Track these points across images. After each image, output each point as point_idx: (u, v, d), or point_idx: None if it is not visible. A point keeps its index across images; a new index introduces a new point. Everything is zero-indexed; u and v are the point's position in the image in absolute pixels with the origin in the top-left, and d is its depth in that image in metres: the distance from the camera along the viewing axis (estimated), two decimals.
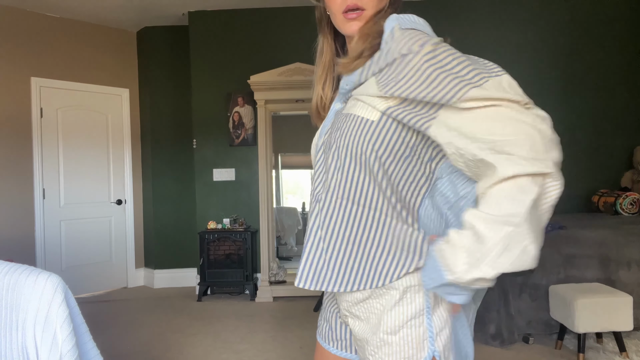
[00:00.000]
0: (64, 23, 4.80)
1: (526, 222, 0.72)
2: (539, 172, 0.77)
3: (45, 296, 1.25)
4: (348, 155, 0.87)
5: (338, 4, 0.93)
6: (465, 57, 0.78)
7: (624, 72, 4.67)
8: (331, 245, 0.89)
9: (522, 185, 0.74)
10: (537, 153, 0.76)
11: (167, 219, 5.19)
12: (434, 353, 0.85)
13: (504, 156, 0.73)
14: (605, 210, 4.23)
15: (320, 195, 0.91)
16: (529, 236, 0.72)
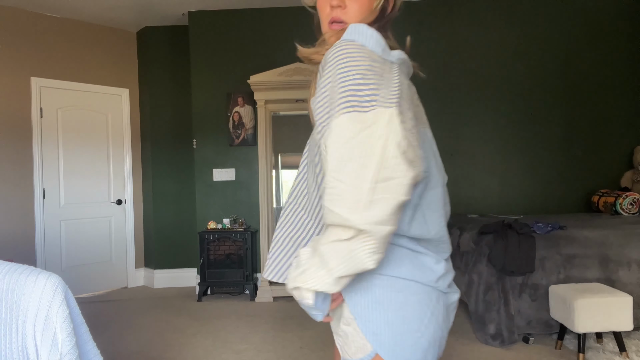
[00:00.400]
0: (64, 23, 4.80)
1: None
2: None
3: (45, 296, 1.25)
4: (307, 160, 1.00)
5: (325, 14, 1.01)
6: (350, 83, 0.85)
7: (624, 72, 4.67)
8: (283, 244, 1.02)
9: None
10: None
11: (167, 219, 5.19)
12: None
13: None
14: (605, 210, 4.23)
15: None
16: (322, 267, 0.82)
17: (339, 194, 0.78)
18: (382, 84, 0.84)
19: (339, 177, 0.78)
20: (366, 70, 0.84)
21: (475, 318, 3.16)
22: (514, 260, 3.08)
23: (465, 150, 4.71)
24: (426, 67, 4.72)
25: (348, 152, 0.78)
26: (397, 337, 0.90)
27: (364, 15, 1.00)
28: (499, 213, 4.62)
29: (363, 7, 1.00)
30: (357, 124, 0.79)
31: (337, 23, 0.99)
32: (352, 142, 0.79)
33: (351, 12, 0.99)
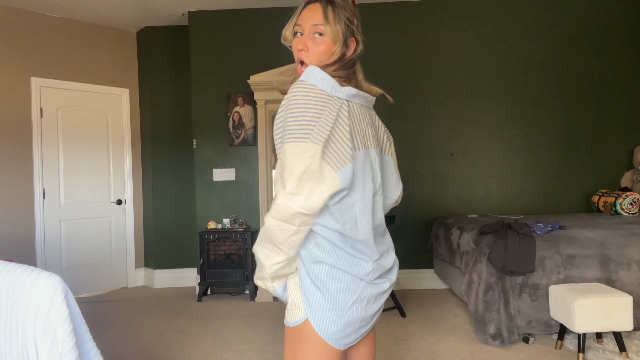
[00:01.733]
0: (64, 23, 4.80)
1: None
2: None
3: (45, 296, 1.25)
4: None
5: (295, 56, 1.29)
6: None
7: (624, 72, 4.67)
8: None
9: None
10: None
11: (167, 219, 5.19)
12: (307, 316, 1.20)
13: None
14: (605, 210, 4.23)
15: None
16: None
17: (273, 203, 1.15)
18: (317, 122, 1.11)
19: (275, 187, 1.14)
20: (309, 108, 1.12)
21: (475, 318, 3.16)
22: (514, 260, 3.08)
23: (465, 150, 4.71)
24: (425, 67, 4.72)
25: (280, 170, 1.12)
26: (326, 310, 1.19)
27: (323, 58, 1.24)
28: (499, 213, 4.62)
29: (322, 51, 1.24)
30: (294, 150, 1.09)
31: (302, 63, 1.25)
32: (283, 163, 1.11)
33: (311, 54, 1.25)
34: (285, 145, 1.11)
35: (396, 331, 3.43)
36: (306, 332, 1.21)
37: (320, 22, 1.24)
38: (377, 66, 4.70)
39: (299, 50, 1.26)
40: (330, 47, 1.25)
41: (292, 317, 1.23)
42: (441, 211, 4.68)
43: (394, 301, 3.82)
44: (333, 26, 1.24)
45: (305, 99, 1.13)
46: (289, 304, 1.25)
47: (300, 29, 1.28)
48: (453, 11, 4.73)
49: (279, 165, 1.13)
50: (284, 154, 1.10)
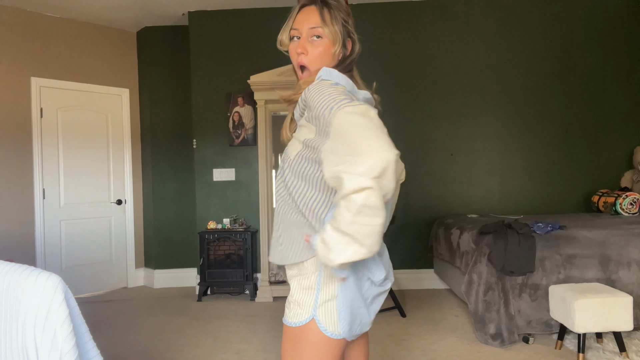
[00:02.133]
0: (64, 23, 4.80)
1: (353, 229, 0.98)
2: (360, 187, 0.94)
3: (45, 296, 1.25)
4: (280, 178, 1.25)
5: (294, 60, 1.28)
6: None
7: (623, 72, 4.67)
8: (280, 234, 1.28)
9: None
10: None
11: (167, 219, 5.19)
12: (314, 316, 1.19)
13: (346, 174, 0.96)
14: (605, 210, 4.23)
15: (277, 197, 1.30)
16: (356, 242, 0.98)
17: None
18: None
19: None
20: (341, 93, 1.08)
21: (475, 318, 3.16)
22: (514, 260, 3.08)
23: (465, 150, 4.71)
24: (425, 67, 4.72)
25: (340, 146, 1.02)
26: (337, 308, 1.18)
27: (323, 60, 1.24)
28: (499, 213, 4.62)
29: (322, 54, 1.24)
30: (356, 110, 1.01)
31: (303, 67, 1.26)
32: (347, 132, 1.02)
33: (312, 57, 1.24)
34: (339, 114, 0.99)
35: (396, 331, 3.43)
36: (310, 333, 1.20)
37: (317, 25, 1.24)
38: (376, 66, 4.70)
39: (298, 53, 1.25)
40: (330, 48, 1.25)
41: (295, 317, 1.22)
42: (441, 211, 4.68)
43: (394, 301, 3.82)
44: (331, 27, 1.23)
45: (334, 90, 1.09)
46: (292, 303, 1.24)
47: (297, 32, 1.27)
48: (453, 11, 4.73)
49: (336, 143, 0.98)
50: (342, 125, 0.98)
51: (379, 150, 0.91)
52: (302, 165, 1.17)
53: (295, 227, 1.23)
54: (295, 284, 1.25)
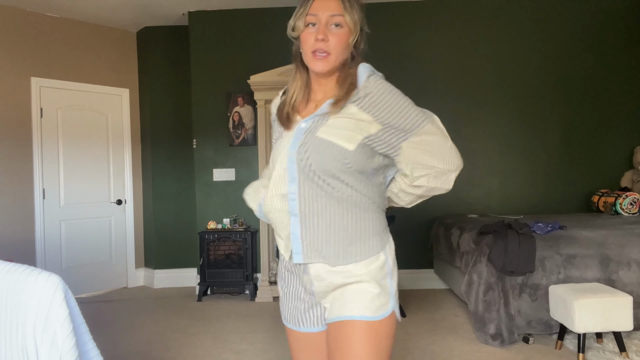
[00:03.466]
0: (64, 23, 4.80)
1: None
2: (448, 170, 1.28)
3: (45, 296, 1.25)
4: (328, 166, 1.19)
5: (309, 44, 1.23)
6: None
7: (623, 72, 4.67)
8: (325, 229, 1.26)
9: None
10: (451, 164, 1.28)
11: (167, 219, 5.19)
12: (393, 306, 1.25)
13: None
14: (605, 210, 4.23)
15: (298, 195, 1.23)
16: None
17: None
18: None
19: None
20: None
21: (475, 318, 3.16)
22: (514, 260, 3.08)
23: (465, 150, 4.68)
24: (425, 67, 4.72)
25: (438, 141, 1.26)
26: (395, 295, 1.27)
27: (342, 47, 1.22)
28: (499, 213, 4.62)
29: (341, 41, 1.21)
30: (437, 127, 1.26)
31: (321, 53, 1.20)
32: (441, 131, 1.28)
33: (332, 44, 1.20)
34: (434, 120, 1.26)
35: (396, 331, 3.42)
36: (391, 323, 1.23)
37: (339, 12, 1.19)
38: (375, 66, 4.68)
39: (317, 39, 1.19)
40: (348, 38, 1.22)
41: (379, 310, 1.20)
42: (441, 211, 4.68)
43: None
44: (352, 15, 1.20)
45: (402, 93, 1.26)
46: (381, 295, 1.20)
47: (315, 19, 1.21)
48: (453, 11, 4.73)
49: (434, 146, 1.23)
50: (436, 125, 1.25)
51: (459, 164, 1.30)
52: (367, 154, 1.21)
53: (361, 220, 1.22)
54: (381, 271, 1.23)
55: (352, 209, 1.22)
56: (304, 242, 1.22)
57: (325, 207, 1.20)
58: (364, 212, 1.23)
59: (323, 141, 1.19)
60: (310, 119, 1.25)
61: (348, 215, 1.21)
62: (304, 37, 1.24)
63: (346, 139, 1.18)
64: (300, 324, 1.32)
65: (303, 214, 1.21)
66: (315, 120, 1.24)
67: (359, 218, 1.23)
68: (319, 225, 1.21)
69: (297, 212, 1.22)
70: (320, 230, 1.21)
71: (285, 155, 1.25)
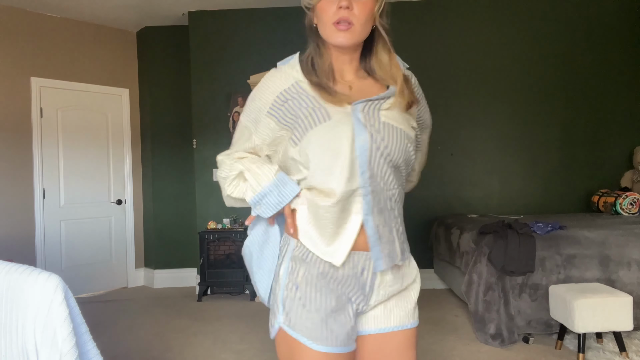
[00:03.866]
0: (64, 23, 4.80)
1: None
2: None
3: (45, 296, 1.25)
4: (400, 155, 1.09)
5: (330, 15, 1.05)
6: None
7: (624, 72, 4.67)
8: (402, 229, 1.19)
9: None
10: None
11: (167, 219, 5.19)
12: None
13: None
14: (605, 210, 4.23)
15: (372, 191, 1.07)
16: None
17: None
18: None
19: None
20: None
21: (475, 318, 3.16)
22: (514, 260, 3.08)
23: (465, 150, 4.71)
24: (425, 68, 4.72)
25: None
26: None
27: (367, 17, 1.06)
28: (499, 213, 4.62)
29: (367, 10, 1.05)
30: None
31: (345, 23, 1.04)
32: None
33: (356, 13, 1.05)
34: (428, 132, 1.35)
35: None
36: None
37: None
38: None
39: (340, 7, 1.03)
40: (373, 6, 1.07)
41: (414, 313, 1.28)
42: (441, 211, 4.68)
43: None
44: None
45: None
46: (414, 304, 1.21)
47: None
48: (453, 11, 4.72)
49: (424, 148, 1.41)
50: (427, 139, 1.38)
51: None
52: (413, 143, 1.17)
53: (400, 213, 1.17)
54: (416, 283, 1.22)
55: (401, 203, 1.17)
56: (383, 246, 1.08)
57: (392, 202, 1.10)
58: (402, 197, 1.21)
59: (393, 127, 1.07)
60: (363, 102, 1.08)
61: (401, 209, 1.16)
62: (322, 6, 1.06)
63: (407, 124, 1.12)
64: (346, 343, 1.07)
65: (375, 212, 1.07)
66: (366, 104, 1.08)
67: (401, 211, 1.19)
68: (389, 223, 1.10)
69: (370, 211, 1.06)
70: (392, 230, 1.11)
71: (352, 141, 1.03)
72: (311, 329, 1.03)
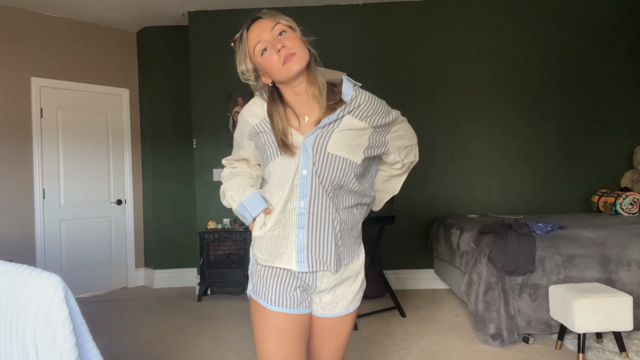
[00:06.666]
0: (64, 23, 4.80)
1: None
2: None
3: (45, 296, 1.25)
4: (338, 181, 1.32)
5: (275, 61, 1.25)
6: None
7: (623, 72, 4.67)
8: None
9: None
10: None
11: (167, 219, 5.19)
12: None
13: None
14: (605, 210, 4.23)
15: (308, 210, 1.32)
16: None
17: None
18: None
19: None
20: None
21: (475, 318, 3.16)
22: (514, 260, 3.08)
23: (465, 150, 4.71)
24: (425, 68, 4.72)
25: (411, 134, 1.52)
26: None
27: (300, 44, 1.27)
28: (499, 213, 4.62)
29: (296, 39, 1.27)
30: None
31: (290, 55, 1.24)
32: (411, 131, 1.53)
33: (291, 45, 1.25)
34: (394, 110, 1.43)
35: (396, 331, 3.43)
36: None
37: (275, 23, 1.28)
38: (376, 66, 4.70)
39: (279, 49, 1.24)
40: (296, 36, 1.29)
41: (359, 299, 1.49)
42: (441, 211, 4.68)
43: (394, 301, 3.82)
44: (283, 17, 1.29)
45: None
46: (359, 287, 1.46)
47: (264, 43, 1.26)
48: (452, 11, 4.72)
49: (406, 129, 1.49)
50: (398, 113, 1.44)
51: (416, 136, 1.56)
52: (366, 161, 1.39)
53: (353, 227, 1.42)
54: (360, 270, 1.46)
55: (352, 212, 1.40)
56: (309, 253, 1.33)
57: (330, 218, 1.33)
58: (358, 211, 1.44)
59: (335, 157, 1.30)
60: (312, 134, 1.31)
61: (345, 225, 1.38)
62: (265, 62, 1.27)
63: (353, 152, 1.31)
64: (295, 306, 1.36)
65: (309, 227, 1.32)
66: (317, 135, 1.31)
67: (356, 220, 1.43)
68: (323, 236, 1.33)
69: (305, 225, 1.32)
70: (325, 242, 1.34)
71: (295, 173, 1.31)
72: (268, 296, 1.35)
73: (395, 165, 1.51)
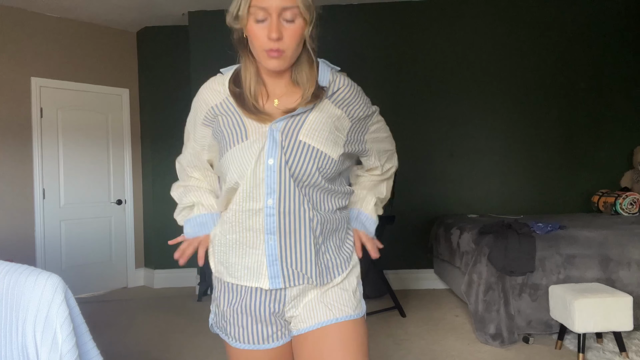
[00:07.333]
0: (64, 23, 4.80)
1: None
2: None
3: (45, 296, 1.25)
4: (312, 177, 1.08)
5: (261, 42, 1.05)
6: None
7: (623, 72, 4.67)
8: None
9: None
10: None
11: (167, 219, 5.16)
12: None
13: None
14: (605, 210, 4.23)
15: (277, 210, 1.08)
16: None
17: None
18: None
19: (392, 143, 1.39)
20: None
21: (475, 318, 3.16)
22: (514, 260, 3.08)
23: (465, 150, 4.71)
24: (425, 68, 4.72)
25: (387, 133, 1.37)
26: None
27: (297, 43, 1.07)
28: (499, 213, 4.62)
29: (297, 37, 1.05)
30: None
31: (278, 52, 1.05)
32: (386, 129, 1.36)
33: (287, 42, 1.05)
34: (381, 119, 1.30)
35: (396, 331, 3.43)
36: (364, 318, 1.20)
37: (293, 4, 1.02)
38: (376, 66, 4.70)
39: (272, 39, 1.03)
40: (303, 31, 1.06)
41: (362, 307, 1.20)
42: (441, 211, 4.68)
43: (394, 301, 3.82)
44: (308, 4, 1.04)
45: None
46: (354, 294, 1.18)
47: (265, 13, 1.03)
48: (452, 11, 4.72)
49: (386, 131, 1.34)
50: (385, 125, 1.33)
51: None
52: (344, 158, 1.17)
53: (337, 229, 1.18)
54: (353, 277, 1.20)
55: (332, 216, 1.15)
56: (283, 264, 1.09)
57: (307, 217, 1.09)
58: (340, 214, 1.20)
59: (309, 147, 1.08)
60: (284, 119, 1.10)
61: (328, 225, 1.14)
62: (253, 32, 1.07)
63: (330, 145, 1.10)
64: (266, 341, 1.15)
65: (282, 231, 1.08)
66: (289, 120, 1.10)
67: (339, 226, 1.19)
68: (301, 243, 1.09)
69: (275, 230, 1.08)
70: (303, 249, 1.09)
71: (260, 163, 1.07)
72: (230, 330, 1.16)
73: (375, 172, 1.32)
